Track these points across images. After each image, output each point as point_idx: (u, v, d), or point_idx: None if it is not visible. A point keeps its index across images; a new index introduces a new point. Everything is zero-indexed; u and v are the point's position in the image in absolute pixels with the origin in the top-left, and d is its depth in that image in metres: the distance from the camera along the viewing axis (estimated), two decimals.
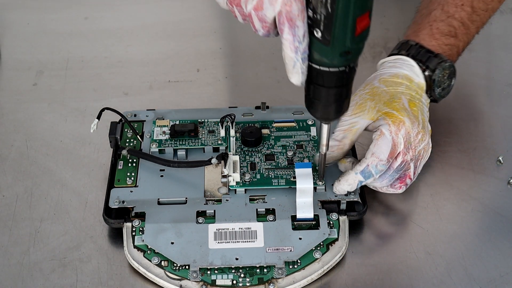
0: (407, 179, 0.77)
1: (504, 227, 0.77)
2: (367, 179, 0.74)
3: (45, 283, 0.73)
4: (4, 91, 0.97)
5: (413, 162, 0.76)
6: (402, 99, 0.77)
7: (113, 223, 0.76)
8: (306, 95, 0.69)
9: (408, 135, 0.75)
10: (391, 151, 0.74)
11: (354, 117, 0.76)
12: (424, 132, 0.76)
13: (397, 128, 0.74)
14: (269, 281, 0.71)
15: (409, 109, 0.76)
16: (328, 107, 0.68)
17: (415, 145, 0.75)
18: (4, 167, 0.85)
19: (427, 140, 0.76)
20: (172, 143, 0.83)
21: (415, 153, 0.75)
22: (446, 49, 0.82)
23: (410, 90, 0.78)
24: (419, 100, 0.78)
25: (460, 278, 0.73)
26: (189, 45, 1.04)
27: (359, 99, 0.77)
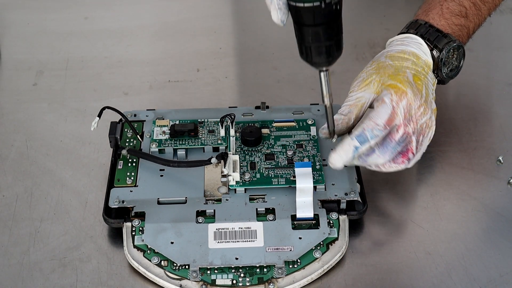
0: (410, 153, 0.75)
1: (504, 227, 0.77)
2: (363, 144, 0.73)
3: (45, 283, 0.73)
4: (4, 91, 0.97)
5: (415, 135, 0.75)
6: (407, 72, 0.76)
7: (113, 223, 0.76)
8: (298, 43, 0.69)
9: (409, 106, 0.74)
10: (389, 118, 0.73)
11: (360, 92, 0.76)
12: (426, 106, 0.75)
13: (399, 98, 0.74)
14: (269, 280, 0.71)
15: (413, 82, 0.76)
16: (318, 49, 0.67)
17: (417, 118, 0.75)
18: (4, 167, 0.85)
19: (429, 114, 0.75)
20: (172, 143, 0.83)
21: (417, 126, 0.74)
22: (456, 29, 0.81)
23: (416, 66, 0.78)
24: (424, 76, 0.78)
25: (460, 278, 0.73)
26: (189, 45, 1.04)
27: (366, 75, 0.77)
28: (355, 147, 0.73)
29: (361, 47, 1.01)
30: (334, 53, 0.69)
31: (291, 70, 0.98)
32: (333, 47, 0.68)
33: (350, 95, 0.77)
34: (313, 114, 0.87)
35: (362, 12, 1.10)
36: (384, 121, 0.73)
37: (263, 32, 1.06)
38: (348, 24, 1.05)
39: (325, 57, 0.68)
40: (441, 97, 0.94)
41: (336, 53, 0.69)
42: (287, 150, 0.82)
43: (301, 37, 0.68)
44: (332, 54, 0.68)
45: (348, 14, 1.08)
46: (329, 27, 0.67)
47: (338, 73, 0.96)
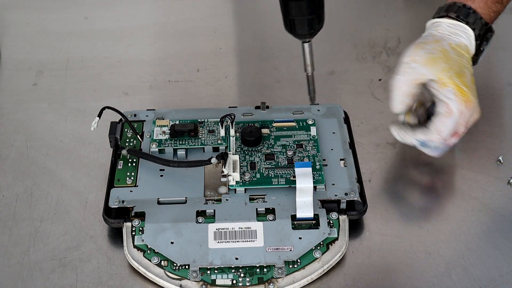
0: None
1: (504, 227, 0.77)
2: (423, 147, 0.78)
3: (45, 283, 0.73)
4: (4, 91, 0.97)
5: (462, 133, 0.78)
6: (467, 74, 0.77)
7: (113, 223, 0.76)
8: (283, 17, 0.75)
9: (469, 115, 0.77)
10: (453, 130, 0.76)
11: (424, 68, 0.76)
12: (477, 107, 0.77)
13: (466, 108, 0.75)
14: (269, 280, 0.71)
15: (472, 86, 0.77)
16: (301, 22, 0.74)
17: (470, 122, 0.78)
18: (4, 167, 0.85)
19: (478, 114, 0.78)
20: (172, 143, 0.83)
21: (467, 127, 0.78)
22: (493, 16, 0.81)
23: (469, 64, 0.78)
24: (472, 74, 0.78)
25: (460, 278, 0.73)
26: (189, 45, 1.04)
27: (432, 52, 0.76)
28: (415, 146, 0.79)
29: (361, 47, 1.01)
30: (316, 26, 0.75)
31: (291, 70, 0.98)
32: (315, 20, 0.74)
33: (413, 65, 0.76)
34: (313, 114, 0.87)
35: (362, 12, 1.09)
36: (450, 135, 0.77)
37: (263, 32, 1.06)
38: (348, 24, 1.06)
39: (307, 29, 0.75)
40: None
41: (317, 26, 0.75)
42: (287, 150, 0.82)
43: (286, 10, 0.74)
44: (314, 27, 0.75)
45: (348, 14, 1.09)
46: (311, 2, 0.73)
47: (338, 72, 0.97)
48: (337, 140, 0.84)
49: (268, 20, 1.09)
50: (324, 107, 0.88)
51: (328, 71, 0.85)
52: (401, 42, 1.03)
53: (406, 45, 1.04)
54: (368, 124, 0.89)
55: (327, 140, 0.84)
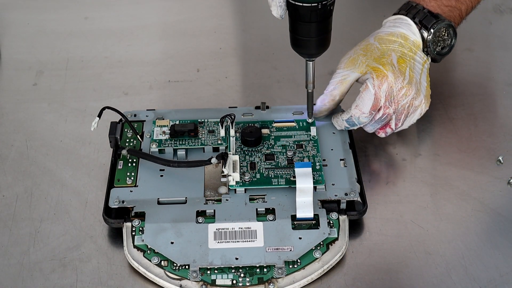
0: (388, 128, 0.83)
1: (504, 227, 0.77)
2: (352, 126, 0.82)
3: (45, 283, 0.73)
4: (4, 91, 0.97)
5: (395, 114, 0.81)
6: (392, 55, 0.81)
7: (113, 223, 0.76)
8: (290, 35, 0.77)
9: (390, 89, 0.79)
10: (373, 105, 0.79)
11: (346, 70, 0.82)
12: (409, 87, 0.80)
13: (380, 82, 0.79)
14: (269, 280, 0.71)
15: (396, 65, 0.80)
16: (309, 42, 0.76)
17: (398, 99, 0.80)
18: (4, 167, 0.85)
19: (411, 95, 0.80)
20: (172, 143, 0.83)
21: (397, 106, 0.80)
22: (446, 10, 0.85)
23: (403, 48, 0.82)
24: (410, 57, 0.82)
25: (460, 278, 0.73)
26: (189, 45, 1.04)
27: (353, 54, 0.83)
28: (346, 128, 0.83)
29: None
30: (322, 47, 0.77)
31: (291, 70, 0.98)
32: (322, 42, 0.77)
33: (338, 71, 0.83)
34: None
35: (362, 12, 1.10)
36: (369, 109, 0.79)
37: (263, 32, 1.06)
38: (348, 24, 1.06)
39: (314, 50, 0.77)
40: (441, 97, 0.94)
41: (324, 47, 0.77)
42: (287, 150, 0.82)
43: (295, 30, 0.76)
44: (320, 48, 0.77)
45: (348, 14, 1.09)
46: (321, 24, 0.75)
47: None
48: (337, 140, 0.84)
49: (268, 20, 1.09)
50: None
51: (328, 71, 0.85)
52: None
53: None
54: None
55: (327, 140, 0.84)
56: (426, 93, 0.82)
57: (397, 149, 0.86)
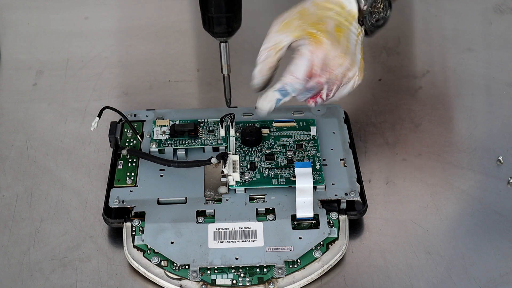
0: (318, 98, 0.78)
1: (504, 227, 0.77)
2: (285, 96, 0.76)
3: (45, 283, 0.73)
4: (4, 91, 0.97)
5: (328, 84, 0.76)
6: (329, 22, 0.77)
7: (113, 223, 0.76)
8: (201, 14, 0.77)
9: (326, 56, 0.75)
10: (308, 71, 0.75)
11: (279, 34, 0.77)
12: (344, 56, 0.76)
13: (316, 48, 0.75)
14: (269, 280, 0.71)
15: (333, 33, 0.76)
16: (219, 20, 0.76)
17: (332, 68, 0.76)
18: (4, 167, 0.85)
19: (346, 65, 0.76)
20: (172, 143, 0.83)
21: (330, 75, 0.76)
22: None
23: (339, 16, 0.78)
24: (346, 27, 0.78)
25: (460, 278, 0.73)
26: (189, 45, 1.04)
27: (287, 17, 0.78)
28: (278, 99, 0.76)
29: None
30: (234, 25, 0.77)
31: None
32: (233, 19, 0.76)
33: (269, 36, 0.78)
34: (313, 114, 0.87)
35: None
36: (304, 75, 0.75)
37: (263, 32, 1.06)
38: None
39: (225, 28, 0.77)
40: (441, 97, 0.94)
41: (235, 25, 0.77)
42: (287, 150, 0.82)
43: (205, 7, 0.76)
44: (232, 25, 0.77)
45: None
46: (230, 0, 0.75)
47: None
48: (337, 140, 0.84)
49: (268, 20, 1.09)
50: (324, 107, 0.88)
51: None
52: (401, 42, 1.03)
53: (406, 45, 1.05)
54: (368, 124, 0.89)
55: (327, 140, 0.84)
56: (360, 65, 0.78)
57: (397, 149, 0.86)
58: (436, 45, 1.03)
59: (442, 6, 1.10)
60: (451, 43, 1.03)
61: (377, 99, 0.93)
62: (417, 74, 0.98)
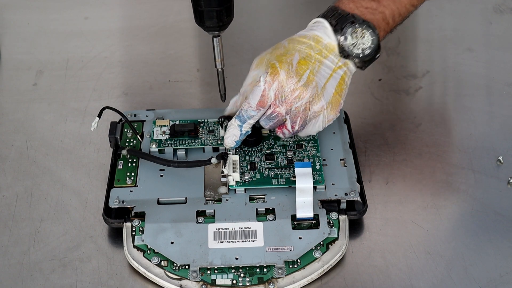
0: (284, 129, 0.79)
1: (504, 227, 0.77)
2: (243, 123, 0.78)
3: (45, 283, 0.73)
4: (4, 91, 0.97)
5: (290, 116, 0.78)
6: (295, 55, 0.78)
7: (113, 223, 0.76)
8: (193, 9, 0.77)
9: (281, 88, 0.76)
10: (260, 100, 0.77)
11: (255, 71, 0.80)
12: (303, 89, 0.76)
13: (271, 80, 0.76)
14: (269, 280, 0.71)
15: (294, 65, 0.77)
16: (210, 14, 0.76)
17: (291, 100, 0.76)
18: (4, 167, 0.85)
19: (306, 98, 0.76)
20: (172, 143, 0.83)
21: (290, 107, 0.77)
22: (366, 12, 0.79)
23: (311, 49, 0.78)
24: (317, 60, 0.77)
25: (460, 278, 0.73)
26: (189, 45, 1.04)
27: (263, 53, 0.81)
28: (239, 126, 0.79)
29: None
30: (224, 19, 0.77)
31: None
32: (223, 13, 0.76)
33: (249, 73, 0.81)
34: None
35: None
36: (256, 103, 0.77)
37: (263, 32, 1.06)
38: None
39: (216, 21, 0.77)
40: (441, 97, 0.94)
41: (226, 19, 0.77)
42: (287, 150, 0.82)
43: (195, 2, 0.76)
44: (223, 19, 0.77)
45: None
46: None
47: None
48: (337, 140, 0.84)
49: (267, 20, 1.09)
50: None
51: None
52: (401, 42, 1.03)
53: (406, 45, 1.04)
54: (368, 124, 0.89)
55: (327, 140, 0.84)
56: (331, 100, 0.77)
57: (397, 149, 0.86)
58: (436, 45, 1.03)
59: (442, 6, 1.10)
60: (451, 43, 1.03)
61: (377, 99, 0.93)
62: (417, 74, 0.98)
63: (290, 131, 0.79)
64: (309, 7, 1.10)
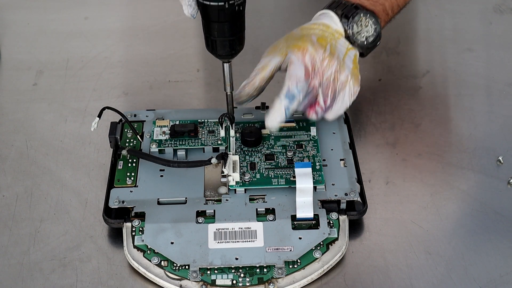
0: (317, 106, 0.80)
1: (504, 227, 0.77)
2: (292, 100, 0.78)
3: (45, 283, 0.73)
4: (4, 91, 0.97)
5: (322, 89, 0.79)
6: (312, 36, 0.81)
7: (113, 223, 0.76)
8: (205, 36, 0.77)
9: (313, 59, 0.79)
10: (305, 72, 0.78)
11: (267, 56, 0.81)
12: (331, 58, 0.79)
13: (302, 54, 0.79)
14: (269, 281, 0.71)
15: (315, 41, 0.80)
16: (222, 43, 0.76)
17: (322, 70, 0.79)
18: (4, 167, 0.85)
19: (334, 66, 0.79)
20: (172, 143, 0.83)
21: (322, 79, 0.79)
22: (367, 4, 0.84)
23: (324, 32, 0.82)
24: (332, 38, 0.81)
25: (460, 278, 0.73)
26: (189, 45, 1.04)
27: (276, 43, 0.82)
28: (286, 107, 0.78)
29: None
30: (237, 47, 0.77)
31: None
32: (236, 42, 0.76)
33: (261, 60, 0.82)
34: None
35: None
36: (303, 75, 0.78)
37: (263, 32, 1.06)
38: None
39: (228, 50, 0.77)
40: (441, 97, 0.94)
41: (238, 47, 0.77)
42: (287, 150, 0.82)
43: (208, 31, 0.76)
44: (235, 48, 0.77)
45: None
46: (233, 24, 0.75)
47: None
48: (337, 140, 0.84)
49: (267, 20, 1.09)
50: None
51: None
52: (401, 42, 1.03)
53: (406, 45, 1.05)
54: (368, 124, 0.89)
55: (327, 140, 0.84)
56: (352, 72, 0.80)
57: (397, 149, 0.86)
58: (436, 45, 1.03)
59: (442, 6, 1.10)
60: (451, 43, 1.03)
61: (377, 99, 0.93)
62: (417, 74, 0.98)
63: (322, 108, 0.80)
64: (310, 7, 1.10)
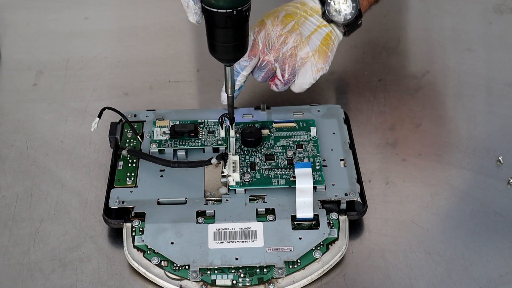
0: (276, 79, 0.84)
1: (504, 227, 0.77)
2: (237, 75, 0.83)
3: (45, 283, 0.73)
4: (4, 91, 0.97)
5: (279, 64, 0.83)
6: (282, 12, 0.84)
7: (113, 223, 0.76)
8: (208, 40, 0.77)
9: (268, 36, 0.82)
10: (251, 49, 0.82)
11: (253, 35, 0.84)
12: (288, 35, 0.82)
13: (259, 29, 0.83)
14: (269, 281, 0.71)
15: (280, 17, 0.83)
16: (226, 48, 0.76)
17: (278, 46, 0.82)
18: (4, 167, 0.85)
19: (291, 43, 0.82)
20: (172, 143, 0.83)
21: (278, 55, 0.82)
22: None
23: (296, 9, 0.84)
24: (302, 16, 0.83)
25: (460, 278, 0.73)
26: (189, 45, 1.04)
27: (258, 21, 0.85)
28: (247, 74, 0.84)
29: (361, 47, 1.01)
30: (239, 52, 0.77)
31: None
32: (239, 47, 0.76)
33: None
34: (313, 114, 0.87)
35: None
36: (248, 52, 0.81)
37: None
38: None
39: (232, 55, 0.77)
40: (441, 97, 0.94)
41: (241, 52, 0.77)
42: (287, 150, 0.82)
43: (212, 36, 0.76)
44: (238, 53, 0.77)
45: None
46: (237, 30, 0.75)
47: (338, 72, 0.97)
48: (337, 140, 0.84)
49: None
50: (324, 107, 0.88)
51: (328, 71, 0.86)
52: (401, 42, 1.03)
53: (406, 45, 1.05)
54: (368, 124, 0.89)
55: (327, 141, 0.84)
56: (317, 49, 0.82)
57: (397, 149, 0.86)
58: (436, 45, 1.03)
59: (442, 6, 1.10)
60: (451, 43, 1.03)
61: (377, 99, 0.93)
62: (417, 74, 0.98)
63: (281, 81, 0.83)
64: None
